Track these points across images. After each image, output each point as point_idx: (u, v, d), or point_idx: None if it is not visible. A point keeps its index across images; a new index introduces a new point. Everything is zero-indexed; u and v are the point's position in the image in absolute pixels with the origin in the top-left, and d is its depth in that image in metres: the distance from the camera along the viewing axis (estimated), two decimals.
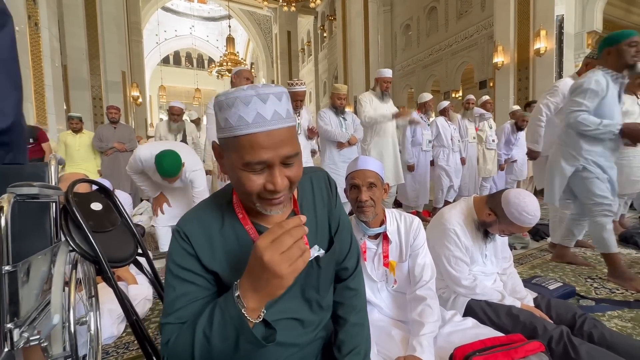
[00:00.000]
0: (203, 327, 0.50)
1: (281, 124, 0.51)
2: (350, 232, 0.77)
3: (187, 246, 0.58)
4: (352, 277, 0.76)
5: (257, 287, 0.47)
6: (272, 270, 0.44)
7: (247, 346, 0.49)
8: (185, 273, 0.57)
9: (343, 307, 0.74)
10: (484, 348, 0.86)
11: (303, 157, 3.00)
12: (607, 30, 7.81)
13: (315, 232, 0.67)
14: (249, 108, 0.49)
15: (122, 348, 1.36)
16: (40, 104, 4.99)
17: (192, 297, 0.56)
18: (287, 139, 0.52)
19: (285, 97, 0.53)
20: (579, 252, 2.40)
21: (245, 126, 0.49)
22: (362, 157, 1.15)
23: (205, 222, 0.61)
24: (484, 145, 4.14)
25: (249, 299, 0.47)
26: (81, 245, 0.87)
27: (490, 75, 7.75)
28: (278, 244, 0.44)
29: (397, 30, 11.09)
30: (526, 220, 1.18)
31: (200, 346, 0.49)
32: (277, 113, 0.50)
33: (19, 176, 0.94)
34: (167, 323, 0.55)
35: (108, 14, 8.48)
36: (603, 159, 1.90)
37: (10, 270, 0.61)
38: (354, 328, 0.72)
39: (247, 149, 0.50)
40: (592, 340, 1.07)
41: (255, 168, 0.51)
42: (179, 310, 0.55)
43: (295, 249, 0.45)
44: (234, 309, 0.48)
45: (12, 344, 0.59)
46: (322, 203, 0.70)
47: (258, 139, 0.49)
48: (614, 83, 1.83)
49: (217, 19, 19.95)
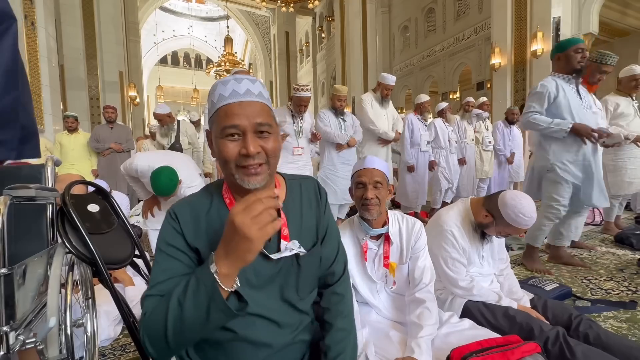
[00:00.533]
0: (178, 295, 0.52)
1: (253, 98, 0.60)
2: (338, 239, 0.80)
3: (175, 224, 0.63)
4: (339, 282, 0.78)
5: (228, 250, 0.49)
6: (242, 233, 0.47)
7: (218, 315, 0.51)
8: (170, 249, 0.61)
9: (329, 312, 0.76)
10: (480, 349, 0.87)
11: (304, 159, 2.97)
12: (603, 33, 7.87)
13: (300, 233, 0.69)
14: (226, 87, 0.60)
15: (119, 350, 1.35)
16: (37, 104, 4.95)
17: (174, 272, 0.60)
18: (258, 110, 0.60)
19: (259, 84, 0.62)
20: (575, 253, 2.42)
21: (223, 99, 0.60)
22: (369, 157, 1.17)
23: (195, 205, 0.66)
24: (481, 146, 4.16)
25: (222, 264, 0.50)
26: (78, 247, 0.87)
27: (487, 77, 7.79)
28: (250, 209, 0.48)
29: (395, 32, 11.12)
30: (522, 222, 1.18)
31: (173, 315, 0.51)
32: (249, 90, 0.60)
33: (16, 177, 0.94)
34: (148, 295, 0.58)
35: (105, 14, 8.45)
36: (569, 157, 1.99)
37: (6, 273, 0.60)
38: (339, 333, 0.73)
39: (223, 117, 0.59)
40: (587, 341, 1.07)
41: (230, 133, 0.59)
42: (160, 283, 0.58)
43: (265, 214, 0.48)
44: (207, 276, 0.50)
45: (8, 347, 0.59)
46: (310, 208, 0.73)
47: (232, 108, 0.59)
48: (567, 84, 1.99)
49: (215, 19, 19.91)
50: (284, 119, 2.75)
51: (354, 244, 1.19)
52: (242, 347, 0.64)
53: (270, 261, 0.65)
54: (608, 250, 2.49)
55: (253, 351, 0.64)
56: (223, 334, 0.63)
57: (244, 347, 0.64)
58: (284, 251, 0.65)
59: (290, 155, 2.78)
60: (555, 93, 1.98)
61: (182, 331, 0.52)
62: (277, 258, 0.64)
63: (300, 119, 2.79)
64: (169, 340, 0.52)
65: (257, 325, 0.64)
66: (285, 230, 0.67)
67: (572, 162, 1.99)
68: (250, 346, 0.64)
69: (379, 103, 3.32)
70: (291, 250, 0.65)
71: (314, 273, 0.73)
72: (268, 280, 0.66)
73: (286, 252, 0.65)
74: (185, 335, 0.53)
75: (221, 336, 0.63)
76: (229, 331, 0.62)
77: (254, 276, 0.64)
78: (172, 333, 0.52)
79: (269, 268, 0.65)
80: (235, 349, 0.64)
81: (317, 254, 0.72)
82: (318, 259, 0.73)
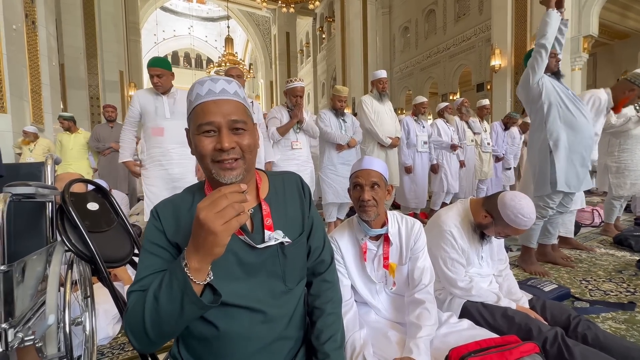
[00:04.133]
0: (154, 290, 0.55)
1: (228, 97, 0.62)
2: (324, 232, 0.83)
3: (157, 223, 0.65)
4: (328, 270, 0.82)
5: (197, 245, 0.51)
6: (207, 227, 0.48)
7: (191, 307, 0.52)
8: (152, 247, 0.63)
9: (320, 299, 0.79)
10: (479, 349, 0.87)
11: (304, 155, 2.96)
12: (603, 35, 7.89)
13: (285, 224, 0.71)
14: (203, 86, 0.62)
15: (118, 349, 1.35)
16: (36, 103, 4.96)
17: (156, 267, 0.62)
18: (233, 108, 0.62)
19: (235, 84, 0.65)
20: (574, 253, 2.42)
21: (199, 98, 0.62)
22: (367, 157, 1.15)
23: (176, 203, 0.69)
24: (480, 148, 4.18)
25: (192, 259, 0.51)
26: (77, 245, 0.87)
27: (487, 78, 7.80)
28: (214, 204, 0.49)
29: (395, 33, 11.14)
30: (522, 223, 1.19)
31: (150, 308, 0.54)
32: (224, 90, 0.62)
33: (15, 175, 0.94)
34: (132, 291, 0.60)
35: (106, 13, 8.45)
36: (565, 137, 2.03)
37: (5, 270, 0.60)
38: (330, 317, 0.77)
39: (199, 114, 0.61)
40: (586, 342, 1.07)
41: (206, 130, 0.61)
42: (143, 279, 0.61)
43: (230, 209, 0.49)
44: (179, 270, 0.52)
45: (6, 344, 0.59)
46: (294, 202, 0.76)
47: (208, 106, 0.61)
48: (557, 81, 2.10)
49: (216, 19, 19.94)
50: (280, 115, 2.76)
51: (353, 245, 1.18)
52: (228, 342, 0.64)
53: (254, 251, 0.66)
54: (607, 251, 2.49)
55: (240, 346, 0.65)
56: (208, 330, 0.64)
57: (230, 343, 0.64)
58: (268, 240, 0.67)
59: (290, 151, 2.78)
60: (554, 87, 2.06)
61: (160, 324, 0.54)
62: (262, 247, 0.66)
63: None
64: (148, 332, 0.54)
65: (242, 318, 0.64)
66: (268, 220, 0.69)
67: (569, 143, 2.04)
68: (237, 341, 0.64)
69: (378, 100, 3.33)
70: (276, 240, 0.67)
71: (300, 263, 0.74)
72: (253, 271, 0.67)
73: (271, 242, 0.66)
74: (163, 328, 0.55)
75: (207, 332, 0.64)
76: (213, 327, 0.63)
77: (238, 267, 0.65)
78: (150, 326, 0.54)
79: (253, 258, 0.66)
80: (221, 344, 0.64)
81: (302, 244, 0.74)
82: (304, 249, 0.76)
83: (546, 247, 2.28)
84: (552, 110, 2.01)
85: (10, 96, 4.20)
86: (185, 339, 0.68)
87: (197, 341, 0.66)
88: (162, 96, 2.26)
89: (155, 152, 2.26)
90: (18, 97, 4.42)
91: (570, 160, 2.02)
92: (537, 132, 2.12)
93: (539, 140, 2.09)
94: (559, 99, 2.02)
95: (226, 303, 0.61)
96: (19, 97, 4.44)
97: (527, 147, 2.26)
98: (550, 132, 2.02)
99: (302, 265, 0.75)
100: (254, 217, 0.69)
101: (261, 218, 0.68)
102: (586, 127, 2.02)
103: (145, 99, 2.25)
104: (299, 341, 0.75)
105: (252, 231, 0.68)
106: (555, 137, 2.01)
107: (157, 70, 2.20)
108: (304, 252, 0.75)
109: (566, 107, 2.01)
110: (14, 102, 4.28)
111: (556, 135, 2.01)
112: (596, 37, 6.48)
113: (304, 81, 2.87)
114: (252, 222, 0.68)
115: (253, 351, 0.65)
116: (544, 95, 2.03)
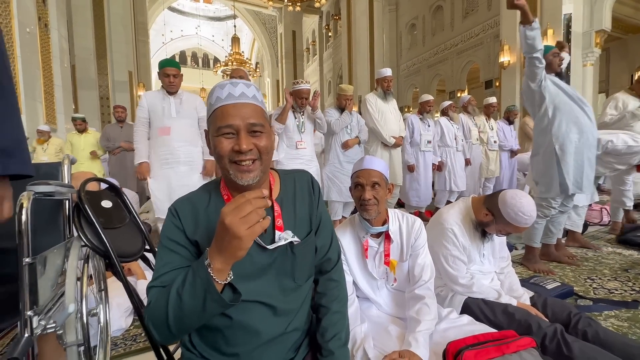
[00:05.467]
0: (177, 287, 0.57)
1: (247, 100, 0.65)
2: (332, 230, 0.85)
3: (176, 221, 0.67)
4: (335, 269, 0.84)
5: (221, 248, 0.53)
6: (232, 232, 0.50)
7: (213, 305, 0.55)
8: (171, 244, 0.66)
9: (326, 297, 0.81)
10: (476, 343, 0.89)
11: (308, 154, 3.01)
12: (616, 29, 7.71)
13: (294, 224, 0.74)
14: (223, 90, 0.65)
15: (130, 340, 1.41)
16: (49, 104, 5.10)
17: (175, 265, 0.64)
18: (252, 111, 0.65)
19: (254, 88, 0.68)
20: (580, 252, 2.41)
21: (219, 101, 0.65)
22: (367, 157, 1.18)
23: (194, 201, 0.71)
24: (486, 146, 4.15)
25: (215, 260, 0.54)
26: (93, 240, 0.92)
27: (496, 75, 7.71)
28: (239, 210, 0.51)
29: (402, 30, 11.06)
30: (522, 221, 1.20)
31: (173, 304, 0.56)
32: (244, 93, 0.65)
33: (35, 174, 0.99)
34: (152, 287, 0.63)
35: (115, 15, 8.59)
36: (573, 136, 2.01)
37: (30, 262, 0.65)
38: (335, 316, 0.79)
39: (219, 117, 0.64)
40: (586, 338, 1.08)
41: (225, 132, 0.63)
42: (162, 275, 0.63)
43: (254, 214, 0.51)
44: (203, 269, 0.54)
45: (32, 330, 0.64)
46: (303, 201, 0.78)
47: (228, 109, 0.64)
48: (561, 81, 2.10)
49: (223, 18, 20.05)
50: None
51: (355, 242, 1.22)
52: (239, 332, 0.68)
53: (266, 251, 0.69)
54: (614, 250, 2.47)
55: (249, 337, 0.68)
56: (222, 320, 0.67)
57: (241, 333, 0.68)
58: (278, 241, 0.69)
59: (294, 150, 2.82)
60: (558, 84, 2.07)
61: (182, 318, 0.57)
62: (273, 248, 0.68)
63: (301, 114, 2.83)
64: (170, 326, 0.58)
65: (253, 311, 0.68)
66: (279, 221, 0.71)
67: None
68: (247, 332, 0.68)
69: (383, 99, 3.33)
70: (285, 240, 0.69)
71: (309, 261, 0.77)
72: (264, 269, 0.70)
73: (281, 242, 0.69)
74: (185, 322, 0.58)
75: (220, 322, 0.67)
76: (227, 317, 0.67)
77: (250, 265, 0.68)
78: (173, 320, 0.57)
79: (264, 257, 0.69)
80: (233, 334, 0.68)
81: (311, 242, 0.76)
82: (312, 248, 0.77)
83: (549, 247, 2.27)
84: (557, 114, 2.00)
85: (25, 97, 4.33)
86: (198, 329, 0.71)
87: (210, 331, 0.69)
88: (169, 97, 2.32)
89: (162, 151, 2.32)
90: (32, 99, 4.56)
91: (578, 162, 2.01)
92: (541, 135, 2.11)
93: (544, 143, 2.08)
94: (564, 99, 2.00)
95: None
96: (32, 98, 4.57)
97: (532, 149, 2.24)
98: (556, 137, 2.01)
99: (310, 263, 0.78)
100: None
101: (272, 218, 0.71)
102: (590, 128, 2.01)
103: (152, 100, 2.32)
104: (304, 333, 0.78)
105: (265, 232, 0.71)
106: (562, 142, 2.00)
107: (174, 70, 2.29)
108: (312, 250, 0.77)
109: (571, 108, 2.00)
110: (28, 103, 4.42)
111: (562, 139, 1.99)
112: (609, 31, 6.35)
113: (309, 82, 2.91)
114: None
115: (263, 342, 0.69)
116: (548, 99, 2.01)
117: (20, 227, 0.65)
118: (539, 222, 2.14)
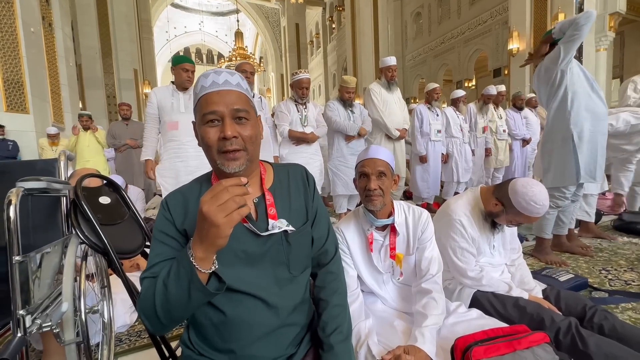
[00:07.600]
0: (163, 278, 0.58)
1: (231, 87, 0.65)
2: (328, 222, 0.84)
3: (166, 213, 0.69)
4: (333, 261, 0.83)
5: (201, 237, 0.53)
6: (210, 220, 0.50)
7: (197, 294, 0.55)
8: (162, 236, 0.67)
9: (325, 290, 0.80)
10: (486, 338, 0.85)
11: (312, 147, 2.99)
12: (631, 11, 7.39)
13: (289, 214, 0.73)
14: (207, 79, 0.65)
15: (135, 336, 1.42)
16: (56, 103, 5.15)
17: (165, 255, 0.65)
18: (236, 97, 0.65)
19: (238, 76, 0.68)
20: (595, 242, 2.33)
21: (203, 90, 0.65)
22: (373, 146, 1.14)
23: (185, 193, 0.72)
24: (495, 135, 4.05)
25: (197, 249, 0.54)
26: (90, 237, 0.90)
27: (505, 63, 7.51)
28: (216, 198, 0.51)
29: (407, 19, 10.85)
30: (534, 210, 1.15)
31: (160, 295, 0.57)
32: (227, 81, 0.65)
33: (31, 171, 0.98)
34: (144, 277, 0.63)
35: (119, 13, 8.62)
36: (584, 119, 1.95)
37: (20, 260, 0.64)
38: (336, 309, 0.78)
39: (204, 105, 0.65)
40: (602, 332, 1.04)
41: (210, 119, 0.64)
42: (154, 266, 0.64)
43: (231, 202, 0.50)
44: (186, 259, 0.55)
45: (25, 329, 0.63)
46: (298, 192, 0.78)
47: (211, 96, 0.64)
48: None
49: (226, 13, 19.97)
50: (287, 110, 2.76)
51: (360, 235, 1.18)
52: (233, 328, 0.67)
53: (259, 239, 0.68)
54: (630, 240, 2.38)
55: (243, 332, 0.67)
56: (216, 315, 0.66)
57: (235, 329, 0.67)
58: (271, 229, 0.69)
59: (298, 145, 2.79)
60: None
61: (169, 309, 0.57)
62: (266, 235, 0.68)
63: (304, 108, 2.79)
64: (159, 317, 0.58)
65: (247, 305, 0.67)
66: (272, 210, 0.71)
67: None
68: (240, 327, 0.67)
69: (387, 89, 3.27)
70: (279, 228, 0.69)
71: (305, 251, 0.76)
72: (258, 258, 0.69)
73: (275, 230, 0.69)
74: (173, 313, 0.58)
75: (215, 318, 0.67)
76: (221, 313, 0.66)
77: (243, 254, 0.67)
78: (161, 310, 0.58)
79: (257, 246, 0.68)
80: (227, 330, 0.67)
81: (306, 233, 0.76)
82: (308, 238, 0.77)
83: (561, 238, 2.21)
84: (575, 100, 1.91)
85: (32, 97, 4.38)
86: (195, 326, 0.71)
87: (206, 327, 0.69)
88: (179, 92, 2.32)
89: (172, 146, 2.33)
90: (39, 98, 4.60)
91: (592, 150, 1.94)
92: (557, 120, 2.01)
93: (561, 129, 1.98)
94: (583, 85, 1.92)
95: (231, 289, 0.64)
96: (39, 97, 4.62)
97: (543, 135, 2.17)
98: (575, 122, 1.92)
99: (306, 254, 0.77)
100: (258, 207, 0.71)
101: (265, 207, 0.71)
102: (604, 114, 1.95)
103: (162, 95, 2.32)
104: (305, 328, 0.77)
105: (257, 220, 0.70)
106: (580, 127, 1.91)
107: (191, 66, 2.31)
108: (308, 241, 0.77)
109: (589, 94, 1.92)
110: (35, 103, 4.47)
111: (580, 125, 1.91)
112: (623, 13, 6.09)
113: (311, 74, 2.86)
114: (256, 211, 0.71)
115: (259, 336, 0.67)
116: (569, 82, 1.91)
117: (9, 224, 0.63)
118: (550, 213, 2.08)
